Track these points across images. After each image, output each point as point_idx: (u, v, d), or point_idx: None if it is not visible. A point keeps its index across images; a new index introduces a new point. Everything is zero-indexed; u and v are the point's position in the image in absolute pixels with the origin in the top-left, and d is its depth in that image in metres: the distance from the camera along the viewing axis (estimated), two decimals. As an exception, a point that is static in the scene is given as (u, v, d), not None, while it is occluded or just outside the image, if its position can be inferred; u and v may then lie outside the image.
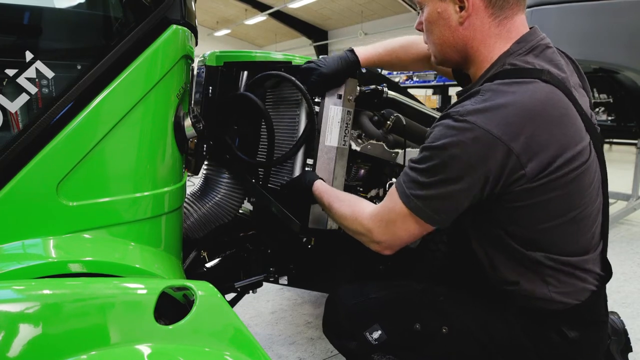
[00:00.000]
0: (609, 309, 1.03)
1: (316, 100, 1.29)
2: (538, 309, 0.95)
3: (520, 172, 0.84)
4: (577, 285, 0.94)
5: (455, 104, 0.93)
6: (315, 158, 1.28)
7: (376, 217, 0.99)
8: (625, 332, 1.16)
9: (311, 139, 1.29)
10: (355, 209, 1.05)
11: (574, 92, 0.92)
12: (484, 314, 1.01)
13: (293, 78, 1.28)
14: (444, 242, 1.48)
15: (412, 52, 1.35)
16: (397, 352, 1.06)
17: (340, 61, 1.27)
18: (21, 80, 0.83)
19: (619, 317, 1.19)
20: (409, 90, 1.87)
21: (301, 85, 1.26)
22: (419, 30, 1.07)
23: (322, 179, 1.24)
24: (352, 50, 1.31)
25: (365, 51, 1.32)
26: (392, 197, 0.96)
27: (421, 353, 1.04)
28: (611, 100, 3.49)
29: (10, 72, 0.82)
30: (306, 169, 1.31)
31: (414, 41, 1.34)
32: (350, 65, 1.28)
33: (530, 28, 0.97)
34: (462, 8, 0.93)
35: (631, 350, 1.15)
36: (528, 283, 0.94)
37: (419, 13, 1.07)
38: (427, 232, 0.96)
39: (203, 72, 1.41)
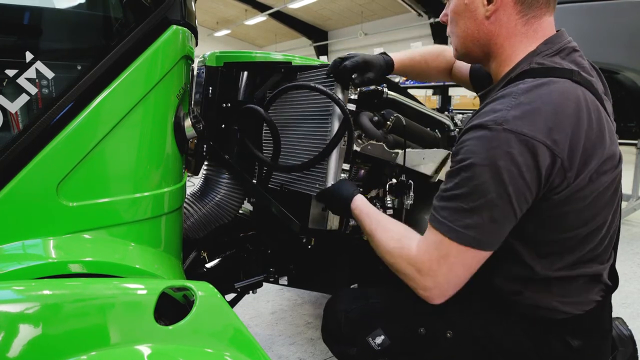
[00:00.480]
0: None
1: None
2: (541, 317, 0.92)
3: (564, 177, 0.81)
4: (583, 295, 0.91)
5: (481, 110, 0.87)
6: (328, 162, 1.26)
7: (425, 251, 0.89)
8: (632, 341, 1.12)
9: (350, 143, 1.24)
10: (403, 244, 0.94)
11: (602, 96, 0.90)
12: (489, 319, 0.98)
13: (322, 87, 1.23)
14: None
15: (440, 59, 1.35)
16: (400, 357, 1.02)
17: (377, 56, 1.28)
18: (21, 81, 0.83)
19: (625, 324, 1.14)
20: (409, 91, 1.87)
21: (329, 92, 1.21)
22: (444, 22, 1.05)
23: (361, 191, 1.15)
24: (385, 53, 1.31)
25: (397, 54, 1.33)
26: (435, 241, 0.87)
27: (423, 358, 1.00)
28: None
29: (11, 72, 0.82)
30: (342, 175, 1.25)
31: (444, 50, 1.35)
32: (387, 62, 1.29)
33: (557, 31, 0.95)
34: (489, 1, 0.92)
35: None
36: (532, 292, 0.91)
37: (445, 5, 1.05)
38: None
39: (203, 72, 1.41)
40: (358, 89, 1.28)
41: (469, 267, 0.87)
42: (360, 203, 1.10)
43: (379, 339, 1.01)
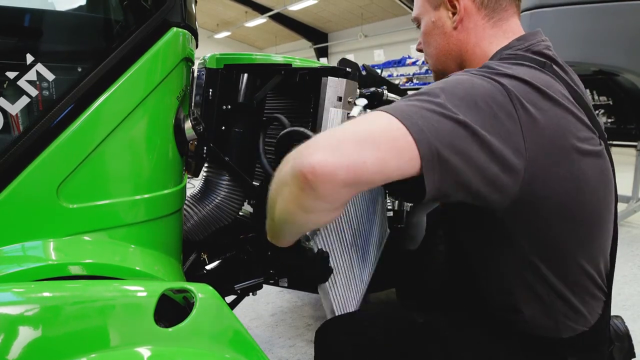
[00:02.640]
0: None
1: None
2: (542, 338, 0.86)
3: (522, 147, 0.69)
4: (583, 311, 0.85)
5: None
6: None
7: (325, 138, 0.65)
8: (628, 337, 1.12)
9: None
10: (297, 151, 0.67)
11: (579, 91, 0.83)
12: (488, 347, 0.91)
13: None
14: (443, 242, 1.45)
15: None
16: None
17: None
18: (22, 83, 0.83)
19: (623, 321, 1.15)
20: (409, 93, 1.87)
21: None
22: (420, 51, 1.05)
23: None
24: None
25: None
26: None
27: None
28: (611, 103, 3.49)
29: (11, 74, 0.83)
30: None
31: None
32: None
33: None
34: (454, 13, 0.93)
35: (634, 356, 1.12)
36: (532, 311, 0.84)
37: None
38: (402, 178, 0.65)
39: (203, 74, 1.41)
40: (359, 91, 1.28)
41: (379, 139, 0.63)
42: None
43: None
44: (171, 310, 0.82)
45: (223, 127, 1.41)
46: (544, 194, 0.73)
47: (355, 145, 0.62)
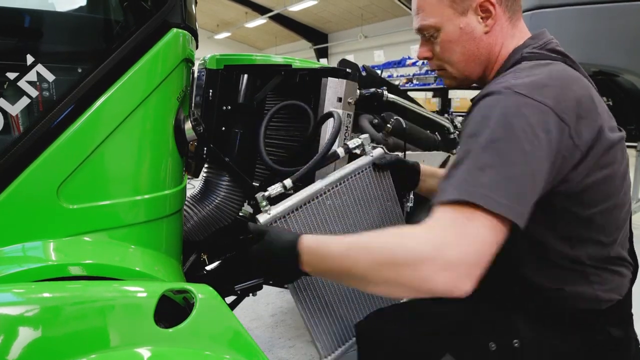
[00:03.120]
0: None
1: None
2: (583, 311, 0.89)
3: (574, 146, 0.79)
4: (617, 279, 0.91)
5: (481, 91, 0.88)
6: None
7: (441, 237, 0.72)
8: None
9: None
10: (404, 236, 0.75)
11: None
12: (536, 328, 0.91)
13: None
14: None
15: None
16: None
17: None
18: (22, 84, 0.83)
19: None
20: (409, 94, 1.87)
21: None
22: (425, 58, 1.03)
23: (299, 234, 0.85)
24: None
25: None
26: (445, 214, 0.74)
27: None
28: (611, 103, 3.49)
29: (12, 75, 0.83)
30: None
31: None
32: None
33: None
34: (486, 17, 0.93)
35: None
36: (573, 287, 0.88)
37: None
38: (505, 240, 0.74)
39: (203, 75, 1.41)
40: (359, 92, 1.28)
41: (492, 237, 0.72)
42: (310, 239, 0.83)
43: None
44: (171, 311, 0.82)
45: (223, 128, 1.41)
46: (590, 180, 0.83)
47: (476, 260, 0.71)
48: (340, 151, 1.11)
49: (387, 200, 1.11)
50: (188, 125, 1.07)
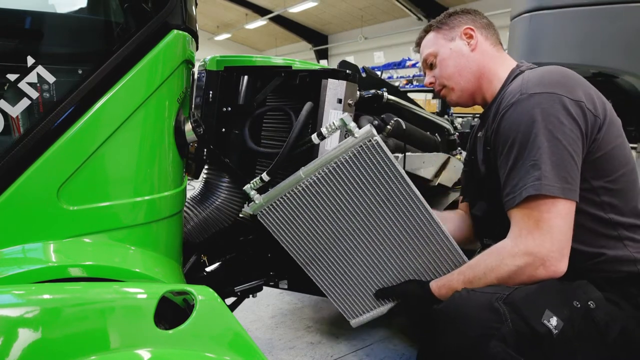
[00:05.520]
0: None
1: None
2: (625, 274, 0.98)
3: (594, 117, 0.98)
4: None
5: (496, 104, 1.13)
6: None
7: (519, 233, 0.96)
8: None
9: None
10: (499, 249, 0.99)
11: None
12: (599, 288, 0.97)
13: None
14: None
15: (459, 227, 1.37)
16: (573, 344, 0.89)
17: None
18: (22, 85, 0.83)
19: None
20: (409, 95, 1.87)
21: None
22: (431, 85, 1.30)
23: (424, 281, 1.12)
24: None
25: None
26: (522, 213, 0.96)
27: (591, 337, 0.91)
28: (610, 105, 3.50)
29: (12, 76, 0.83)
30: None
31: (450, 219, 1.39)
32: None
33: None
34: (469, 41, 1.22)
35: None
36: (612, 251, 0.99)
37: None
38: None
39: (203, 76, 1.41)
40: (359, 94, 1.28)
41: (565, 216, 0.93)
42: (436, 284, 1.09)
43: (554, 321, 0.89)
44: (171, 313, 0.82)
45: (223, 129, 1.41)
46: (610, 147, 1.02)
47: (560, 246, 0.94)
48: (314, 137, 1.12)
49: (389, 180, 1.03)
50: (188, 127, 1.07)
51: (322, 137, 1.08)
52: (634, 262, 0.99)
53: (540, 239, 0.93)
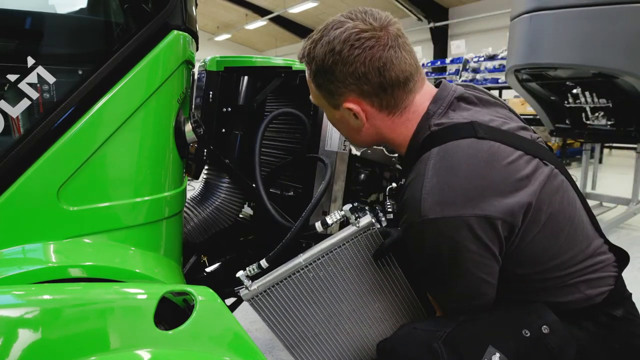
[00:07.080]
0: None
1: None
2: (585, 309, 0.95)
3: (511, 227, 0.85)
4: (601, 272, 0.95)
5: (404, 193, 0.90)
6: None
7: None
8: None
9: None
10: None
11: (507, 127, 0.92)
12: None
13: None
14: None
15: None
16: None
17: None
18: (23, 86, 0.83)
19: None
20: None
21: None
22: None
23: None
24: None
25: None
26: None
27: None
28: (610, 105, 3.49)
29: (12, 77, 0.83)
30: None
31: None
32: None
33: (438, 84, 0.98)
34: (356, 117, 0.94)
35: None
36: (564, 297, 0.94)
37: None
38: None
39: (204, 77, 1.41)
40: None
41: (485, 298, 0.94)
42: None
43: (496, 358, 0.87)
44: (171, 313, 0.82)
45: (223, 130, 1.41)
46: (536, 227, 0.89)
47: None
48: (318, 226, 1.06)
49: (383, 264, 1.05)
50: (188, 127, 1.07)
51: (326, 225, 1.06)
52: (591, 299, 0.94)
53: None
